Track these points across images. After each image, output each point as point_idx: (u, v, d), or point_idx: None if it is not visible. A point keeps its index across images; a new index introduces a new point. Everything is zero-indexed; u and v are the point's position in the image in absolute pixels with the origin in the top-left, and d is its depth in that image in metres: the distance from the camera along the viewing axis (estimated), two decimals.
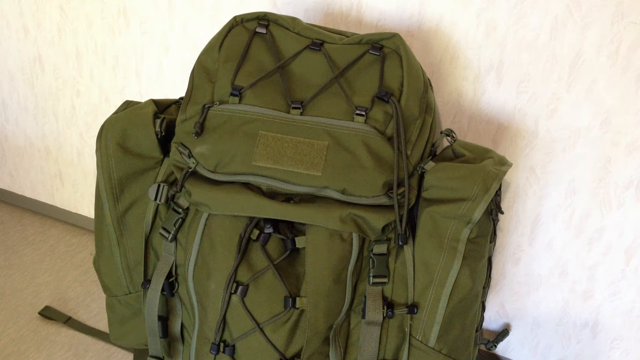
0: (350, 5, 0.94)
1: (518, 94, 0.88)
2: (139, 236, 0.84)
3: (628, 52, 0.80)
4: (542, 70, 0.86)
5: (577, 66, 0.84)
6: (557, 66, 0.85)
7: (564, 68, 0.84)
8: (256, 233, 0.76)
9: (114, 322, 0.91)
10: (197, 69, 0.80)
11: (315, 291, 0.74)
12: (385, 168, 0.73)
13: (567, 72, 0.84)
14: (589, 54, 0.82)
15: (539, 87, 0.87)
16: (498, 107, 0.91)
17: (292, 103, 0.76)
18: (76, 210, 1.42)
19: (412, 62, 0.77)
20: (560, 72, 0.85)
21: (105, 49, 1.17)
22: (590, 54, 0.82)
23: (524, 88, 0.88)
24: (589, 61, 0.83)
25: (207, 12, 1.05)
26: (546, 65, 0.85)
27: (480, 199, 0.71)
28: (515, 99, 0.89)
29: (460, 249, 0.73)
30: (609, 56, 0.81)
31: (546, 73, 0.86)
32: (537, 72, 0.86)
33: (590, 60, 0.83)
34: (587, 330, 0.99)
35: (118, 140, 0.80)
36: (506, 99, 0.90)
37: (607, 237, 0.92)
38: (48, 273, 1.29)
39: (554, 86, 0.86)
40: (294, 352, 0.77)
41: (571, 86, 0.85)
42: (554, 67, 0.85)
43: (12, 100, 1.34)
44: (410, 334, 0.77)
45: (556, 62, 0.84)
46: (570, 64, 0.84)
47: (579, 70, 0.84)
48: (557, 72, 0.85)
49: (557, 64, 0.84)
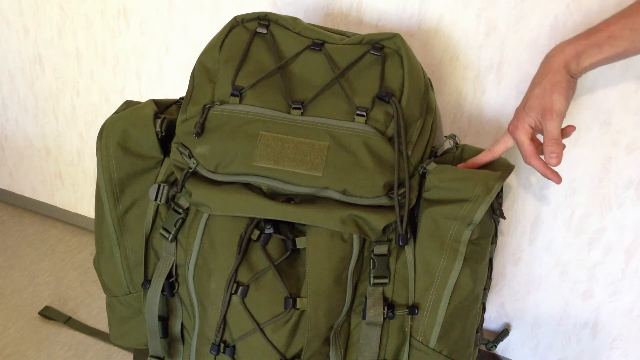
0: (350, 5, 0.94)
1: (518, 94, 0.88)
2: (139, 236, 0.84)
3: None
4: None
5: None
6: None
7: None
8: (257, 233, 0.76)
9: (114, 322, 0.91)
10: (197, 69, 0.80)
11: (316, 292, 0.74)
12: (385, 168, 0.73)
13: None
14: None
15: None
16: (498, 107, 0.91)
17: (293, 103, 0.76)
18: (76, 210, 1.42)
19: (413, 63, 0.77)
20: None
21: (105, 49, 1.17)
22: None
23: (524, 88, 0.88)
24: None
25: (207, 12, 1.04)
26: None
27: (482, 200, 0.71)
28: (515, 99, 0.89)
29: (462, 250, 0.73)
30: None
31: None
32: None
33: None
34: (587, 330, 0.99)
35: (118, 141, 0.80)
36: (506, 99, 0.90)
37: (607, 237, 0.92)
38: (48, 273, 1.29)
39: None
40: (294, 353, 0.77)
41: None
42: None
43: (12, 100, 1.34)
44: (411, 335, 0.77)
45: None
46: None
47: None
48: None
49: None
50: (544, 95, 0.70)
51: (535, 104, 0.71)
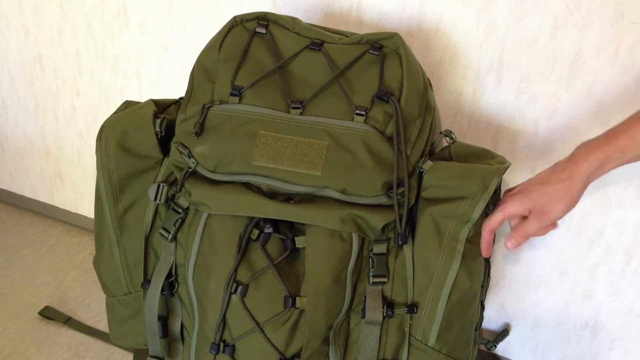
0: (350, 5, 0.94)
1: (518, 94, 0.88)
2: (139, 236, 0.84)
3: (628, 52, 0.80)
4: (542, 70, 0.86)
5: (577, 66, 0.84)
6: (557, 66, 0.85)
7: (564, 68, 0.84)
8: (256, 233, 0.76)
9: (114, 322, 0.91)
10: (197, 69, 0.80)
11: (315, 291, 0.74)
12: (384, 168, 0.73)
13: (567, 72, 0.84)
14: (589, 54, 0.82)
15: (539, 87, 0.87)
16: (498, 107, 0.91)
17: (292, 103, 0.76)
18: (76, 210, 1.42)
19: (412, 62, 0.77)
20: (560, 72, 0.85)
21: (105, 49, 1.17)
22: (590, 54, 0.82)
23: (524, 88, 0.88)
24: (589, 61, 0.83)
25: (207, 12, 1.05)
26: (546, 65, 0.85)
27: (480, 197, 0.71)
28: (515, 99, 0.89)
29: (459, 249, 0.73)
30: (608, 56, 0.81)
31: (546, 73, 0.86)
32: (537, 72, 0.86)
33: (590, 60, 0.83)
34: (587, 330, 0.99)
35: (118, 140, 0.80)
36: (506, 99, 0.90)
37: (607, 237, 0.92)
38: (48, 273, 1.29)
39: (554, 86, 0.86)
40: (294, 352, 0.77)
41: (571, 86, 0.85)
42: (554, 67, 0.85)
43: (12, 100, 1.34)
44: (410, 334, 0.77)
45: (556, 62, 0.84)
46: (570, 64, 0.84)
47: (579, 70, 0.84)
48: (557, 72, 0.85)
49: (557, 64, 0.84)
50: (551, 198, 0.70)
51: (539, 200, 0.71)
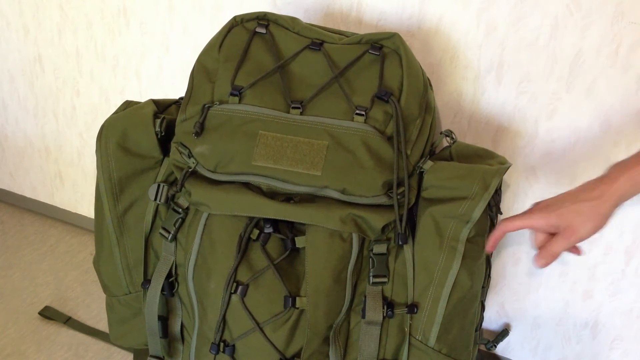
0: (350, 5, 0.94)
1: (518, 94, 0.88)
2: (139, 236, 0.84)
3: (628, 52, 0.80)
4: (542, 70, 0.86)
5: (577, 66, 0.84)
6: (557, 66, 0.85)
7: (564, 68, 0.84)
8: (256, 233, 0.76)
9: (114, 322, 0.91)
10: (197, 69, 0.80)
11: (315, 291, 0.74)
12: (385, 168, 0.73)
13: (567, 72, 0.84)
14: (589, 54, 0.82)
15: (539, 87, 0.87)
16: (498, 107, 0.91)
17: (292, 103, 0.76)
18: (76, 210, 1.42)
19: (412, 62, 0.77)
20: (560, 72, 0.85)
21: (105, 49, 1.17)
22: (590, 54, 0.82)
23: (524, 88, 0.88)
24: (589, 61, 0.83)
25: (207, 12, 1.05)
26: (546, 65, 0.85)
27: (480, 197, 0.71)
28: (515, 99, 0.89)
29: (460, 249, 0.73)
30: (608, 56, 0.81)
31: (546, 73, 0.86)
32: (537, 72, 0.86)
33: (590, 60, 0.83)
34: (587, 330, 0.99)
35: (118, 140, 0.80)
36: (506, 99, 0.90)
37: (607, 237, 0.92)
38: (48, 273, 1.29)
39: (554, 86, 0.86)
40: (294, 352, 0.77)
41: (571, 86, 0.85)
42: (554, 67, 0.85)
43: (12, 100, 1.34)
44: (410, 334, 0.76)
45: (556, 62, 0.84)
46: (570, 64, 0.84)
47: (579, 70, 0.84)
48: (557, 72, 0.85)
49: (557, 64, 0.84)
50: (580, 216, 0.68)
51: (567, 217, 0.69)
